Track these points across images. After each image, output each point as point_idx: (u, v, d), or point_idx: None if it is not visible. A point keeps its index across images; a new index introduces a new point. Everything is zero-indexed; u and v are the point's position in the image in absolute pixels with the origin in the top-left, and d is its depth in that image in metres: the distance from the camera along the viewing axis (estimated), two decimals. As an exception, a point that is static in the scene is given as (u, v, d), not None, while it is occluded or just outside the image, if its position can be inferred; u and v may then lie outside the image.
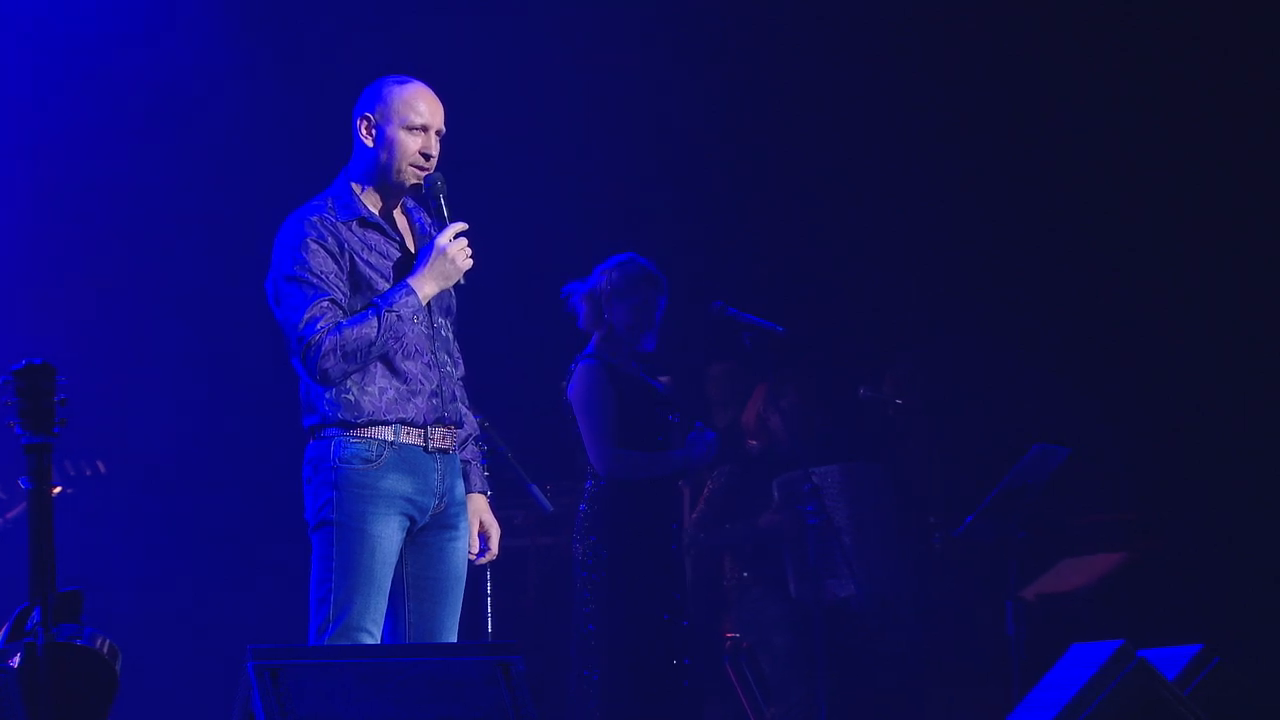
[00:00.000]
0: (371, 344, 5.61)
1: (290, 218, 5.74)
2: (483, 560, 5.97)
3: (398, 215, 5.85)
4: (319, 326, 5.59)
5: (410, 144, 5.73)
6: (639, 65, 10.14)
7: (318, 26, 9.66)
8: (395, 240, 5.79)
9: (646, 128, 10.20)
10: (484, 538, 5.95)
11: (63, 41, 9.43)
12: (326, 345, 5.58)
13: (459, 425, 5.83)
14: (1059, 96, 9.97)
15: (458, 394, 5.85)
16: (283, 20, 9.64)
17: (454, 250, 5.71)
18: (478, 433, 6.05)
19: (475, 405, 6.06)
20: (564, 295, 7.93)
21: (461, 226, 5.74)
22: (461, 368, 5.93)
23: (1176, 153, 9.78)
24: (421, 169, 5.75)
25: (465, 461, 5.91)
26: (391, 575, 5.67)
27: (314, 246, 5.64)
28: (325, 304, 5.61)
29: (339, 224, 5.70)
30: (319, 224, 5.68)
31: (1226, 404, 9.62)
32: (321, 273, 5.63)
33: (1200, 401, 9.67)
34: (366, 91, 5.80)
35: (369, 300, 5.67)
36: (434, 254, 5.71)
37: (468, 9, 9.94)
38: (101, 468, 9.26)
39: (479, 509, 5.94)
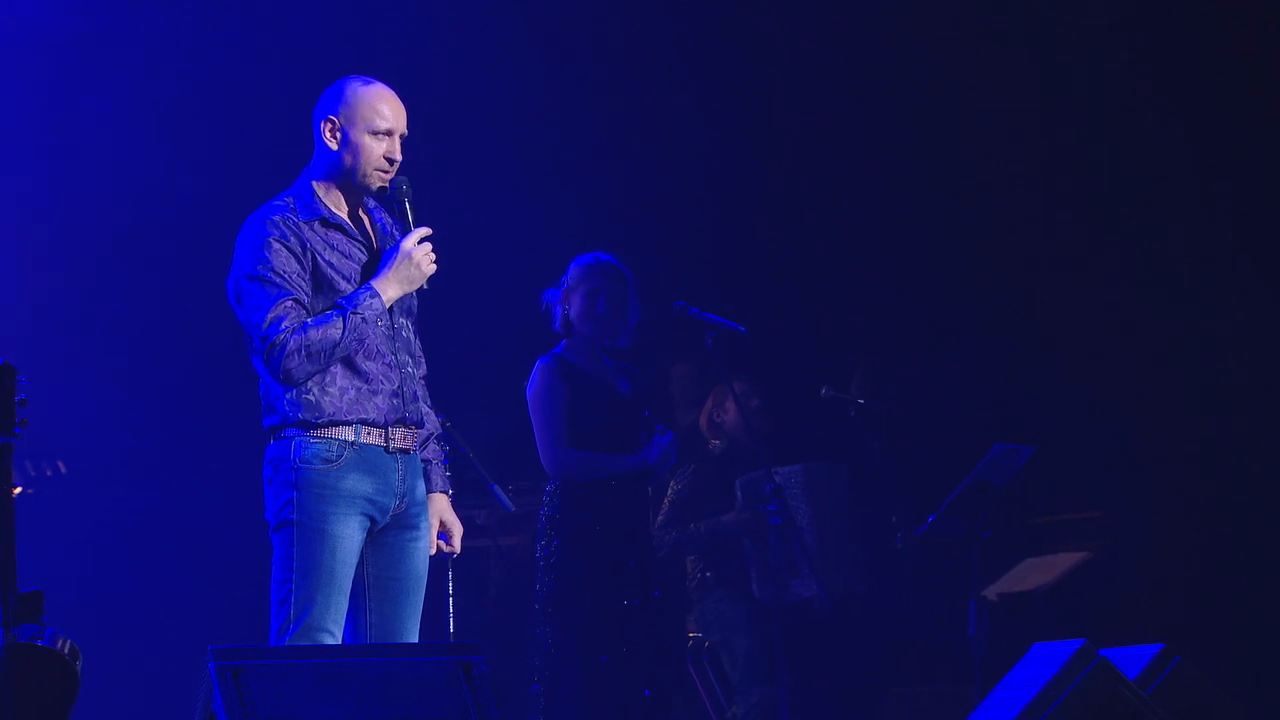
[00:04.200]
0: (336, 345, 5.60)
1: (252, 217, 5.72)
2: (444, 549, 5.96)
3: (360, 215, 5.84)
4: (283, 326, 5.57)
5: (375, 149, 5.71)
6: (604, 65, 10.13)
7: (283, 19, 9.62)
8: (358, 241, 5.77)
9: (611, 128, 10.19)
10: (445, 536, 5.95)
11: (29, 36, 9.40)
12: (291, 345, 5.57)
13: (420, 425, 5.82)
14: (1035, 95, 9.98)
15: (419, 394, 5.85)
16: (243, 10, 9.59)
17: (419, 255, 5.70)
18: (439, 432, 6.04)
19: (438, 405, 6.05)
20: (541, 300, 7.90)
21: (426, 231, 5.73)
22: (424, 367, 5.93)
23: (1131, 148, 9.82)
24: (386, 173, 5.74)
25: (426, 461, 5.91)
26: (352, 575, 5.66)
27: (276, 246, 5.62)
28: (289, 304, 5.60)
29: (301, 224, 5.68)
30: (281, 223, 5.66)
31: (1191, 404, 9.64)
32: (284, 272, 5.62)
33: (1165, 401, 9.69)
34: (329, 92, 5.77)
35: (331, 301, 5.65)
36: (398, 258, 5.70)
37: (432, 6, 9.92)
38: (62, 468, 9.22)
39: (440, 508, 5.94)
